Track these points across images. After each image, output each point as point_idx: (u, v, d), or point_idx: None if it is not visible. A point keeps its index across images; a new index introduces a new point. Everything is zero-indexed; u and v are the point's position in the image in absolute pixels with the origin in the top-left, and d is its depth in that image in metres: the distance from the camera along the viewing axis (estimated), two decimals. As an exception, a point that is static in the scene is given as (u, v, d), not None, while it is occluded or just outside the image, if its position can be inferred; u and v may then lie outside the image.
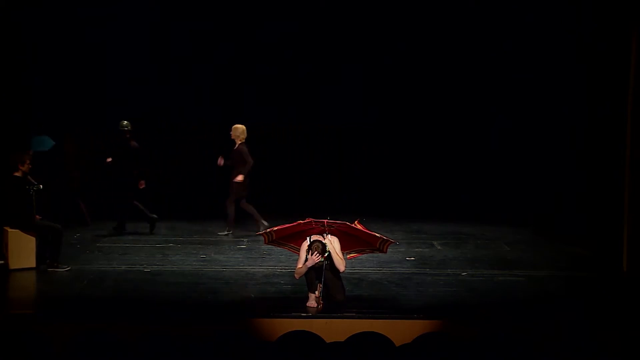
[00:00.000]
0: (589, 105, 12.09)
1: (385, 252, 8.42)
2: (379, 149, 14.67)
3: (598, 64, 11.58)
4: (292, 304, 7.98)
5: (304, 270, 7.79)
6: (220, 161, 11.75)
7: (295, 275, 7.94)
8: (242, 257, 10.33)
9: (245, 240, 11.47)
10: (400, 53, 13.96)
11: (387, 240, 8.19)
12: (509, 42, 13.29)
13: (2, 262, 9.52)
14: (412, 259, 10.36)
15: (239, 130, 11.77)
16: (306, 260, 7.71)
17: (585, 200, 12.07)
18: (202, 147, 14.02)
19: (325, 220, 7.88)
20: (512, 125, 13.50)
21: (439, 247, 11.16)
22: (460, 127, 14.30)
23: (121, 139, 11.72)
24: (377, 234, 8.18)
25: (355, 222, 8.11)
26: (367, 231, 8.12)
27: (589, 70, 11.93)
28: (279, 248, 8.70)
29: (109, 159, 11.88)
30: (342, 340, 5.58)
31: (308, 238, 7.85)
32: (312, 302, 7.79)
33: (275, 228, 8.24)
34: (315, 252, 7.63)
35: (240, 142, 11.75)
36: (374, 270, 9.63)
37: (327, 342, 5.56)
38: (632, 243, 9.68)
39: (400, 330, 6.99)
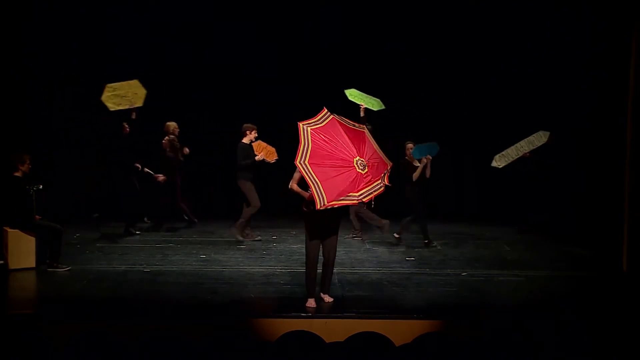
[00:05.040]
0: (589, 106, 12.11)
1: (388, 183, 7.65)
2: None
3: (598, 64, 11.59)
4: (292, 304, 7.99)
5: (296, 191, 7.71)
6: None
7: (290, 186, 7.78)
8: (242, 257, 10.34)
9: (245, 240, 11.47)
10: (400, 53, 13.95)
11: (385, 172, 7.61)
12: (509, 42, 13.30)
13: (2, 262, 9.52)
14: (412, 259, 10.36)
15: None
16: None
17: (585, 200, 12.09)
18: (202, 147, 14.01)
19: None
20: (512, 125, 13.50)
21: (439, 247, 11.16)
22: (460, 127, 14.31)
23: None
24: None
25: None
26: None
27: (588, 71, 11.94)
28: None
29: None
30: (342, 340, 5.58)
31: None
32: (311, 303, 7.81)
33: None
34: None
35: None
36: (373, 270, 9.63)
37: (327, 342, 5.56)
38: (632, 243, 9.69)
39: (400, 330, 6.99)
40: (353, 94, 11.26)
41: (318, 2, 13.55)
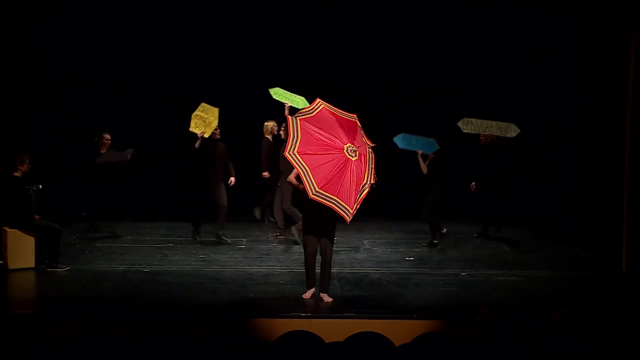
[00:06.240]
0: (589, 106, 12.10)
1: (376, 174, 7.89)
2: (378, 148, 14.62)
3: (598, 64, 11.59)
4: (291, 303, 7.99)
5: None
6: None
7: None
8: (241, 257, 10.34)
9: (244, 240, 11.48)
10: (400, 53, 13.95)
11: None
12: (509, 42, 13.29)
13: (1, 262, 9.52)
14: (412, 259, 10.36)
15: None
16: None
17: (585, 200, 12.08)
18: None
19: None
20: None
21: (438, 247, 11.16)
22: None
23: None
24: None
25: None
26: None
27: (588, 71, 11.94)
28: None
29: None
30: (341, 340, 5.57)
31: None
32: (307, 295, 7.87)
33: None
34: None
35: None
36: (373, 270, 9.64)
37: (326, 342, 5.55)
38: (631, 243, 9.69)
39: (399, 330, 6.99)
40: (278, 93, 11.24)
41: (318, 2, 13.55)
